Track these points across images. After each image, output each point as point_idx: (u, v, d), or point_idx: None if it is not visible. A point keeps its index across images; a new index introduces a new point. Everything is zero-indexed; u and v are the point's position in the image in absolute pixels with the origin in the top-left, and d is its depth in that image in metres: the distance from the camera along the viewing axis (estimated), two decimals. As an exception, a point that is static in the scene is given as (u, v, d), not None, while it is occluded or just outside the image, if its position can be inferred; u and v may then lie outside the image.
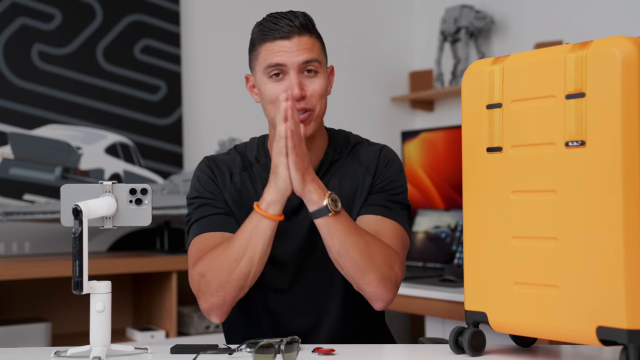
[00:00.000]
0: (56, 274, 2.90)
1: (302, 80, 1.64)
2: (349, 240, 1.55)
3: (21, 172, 3.22)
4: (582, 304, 1.27)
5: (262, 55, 1.65)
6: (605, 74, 1.24)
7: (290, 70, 1.63)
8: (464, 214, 1.46)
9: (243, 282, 1.58)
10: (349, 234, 1.55)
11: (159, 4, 3.54)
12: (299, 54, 1.63)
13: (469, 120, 1.45)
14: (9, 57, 3.23)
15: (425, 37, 4.16)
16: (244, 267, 1.57)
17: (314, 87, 1.65)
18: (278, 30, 1.63)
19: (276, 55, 1.63)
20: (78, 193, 1.45)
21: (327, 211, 1.53)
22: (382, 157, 1.75)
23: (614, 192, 1.23)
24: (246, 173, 1.74)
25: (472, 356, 1.42)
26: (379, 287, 1.58)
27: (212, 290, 1.59)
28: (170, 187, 3.33)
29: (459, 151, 1.50)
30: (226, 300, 1.60)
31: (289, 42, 1.63)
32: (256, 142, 1.79)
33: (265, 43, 1.64)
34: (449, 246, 3.44)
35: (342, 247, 1.55)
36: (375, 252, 1.58)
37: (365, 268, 1.56)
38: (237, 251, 1.57)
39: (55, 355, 1.45)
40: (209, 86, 3.69)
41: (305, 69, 1.64)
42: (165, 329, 3.14)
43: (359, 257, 1.56)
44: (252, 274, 1.58)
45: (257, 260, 1.57)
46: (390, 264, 1.60)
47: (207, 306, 1.62)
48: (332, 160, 1.75)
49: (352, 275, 1.58)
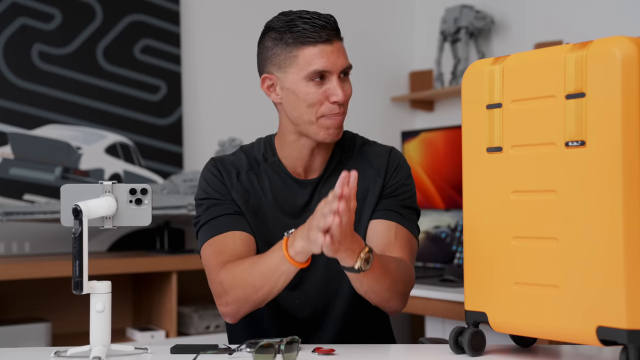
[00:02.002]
0: (56, 274, 2.90)
1: (342, 85, 1.65)
2: (377, 285, 1.56)
3: (21, 172, 3.22)
4: (582, 304, 1.27)
5: (304, 59, 1.63)
6: (605, 74, 1.24)
7: (333, 76, 1.64)
8: (464, 214, 1.46)
9: (259, 304, 1.61)
10: (380, 277, 1.55)
11: (159, 4, 3.54)
12: (341, 59, 1.64)
13: (469, 120, 1.45)
14: (9, 57, 3.23)
15: (425, 37, 4.16)
16: (261, 295, 1.58)
17: (348, 90, 1.67)
18: (320, 34, 1.62)
19: (320, 60, 1.62)
20: (78, 193, 1.45)
21: (358, 271, 1.50)
22: (391, 160, 1.75)
23: (614, 192, 1.22)
24: (253, 172, 1.74)
25: (472, 356, 1.42)
26: (399, 303, 1.63)
27: (228, 301, 1.61)
28: (170, 187, 3.33)
29: (459, 151, 1.50)
30: (241, 312, 1.63)
31: (332, 46, 1.63)
32: (263, 141, 1.79)
33: (305, 46, 1.62)
34: (449, 246, 3.44)
35: (370, 289, 1.57)
36: (399, 282, 1.61)
37: (389, 298, 1.60)
38: (258, 281, 1.56)
39: (55, 355, 1.45)
40: (209, 86, 3.69)
41: (344, 72, 1.66)
42: (165, 329, 3.14)
43: (386, 293, 1.59)
44: (268, 300, 1.60)
45: (276, 292, 1.58)
46: (410, 284, 1.65)
47: (222, 311, 1.65)
48: (340, 159, 1.75)
49: (377, 302, 1.62)
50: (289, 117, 1.69)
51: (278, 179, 1.73)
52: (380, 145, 1.80)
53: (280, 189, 1.73)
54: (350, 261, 1.46)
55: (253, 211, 1.69)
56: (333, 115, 1.65)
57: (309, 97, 1.64)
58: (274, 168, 1.73)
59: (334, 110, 1.65)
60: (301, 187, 1.73)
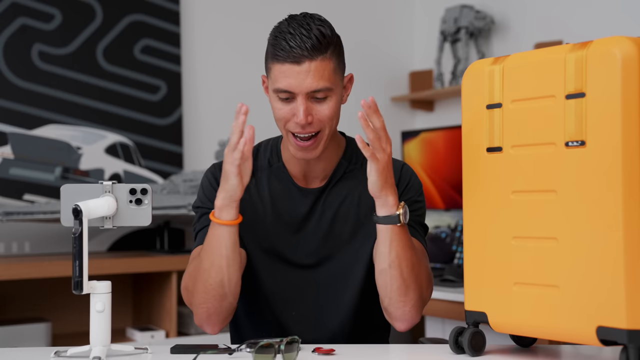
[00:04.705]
0: (56, 274, 2.90)
1: (310, 105, 1.58)
2: (405, 253, 1.55)
3: (21, 172, 3.22)
4: (582, 304, 1.27)
5: (273, 75, 1.60)
6: (605, 74, 1.24)
7: (298, 96, 1.58)
8: (464, 214, 1.46)
9: (220, 290, 1.57)
10: (407, 247, 1.55)
11: (159, 4, 3.54)
12: (308, 81, 1.56)
13: (469, 120, 1.45)
14: (9, 57, 3.23)
15: (425, 37, 4.16)
16: (215, 276, 1.55)
17: (323, 112, 1.60)
18: (289, 53, 1.56)
19: (285, 79, 1.57)
20: (78, 193, 1.45)
21: (397, 221, 1.52)
22: (403, 177, 1.72)
23: (614, 192, 1.23)
24: (254, 179, 1.71)
25: (472, 356, 1.42)
26: (414, 308, 1.59)
27: (196, 303, 1.60)
28: (170, 187, 3.33)
29: (459, 151, 1.50)
30: (211, 312, 1.59)
31: (299, 67, 1.56)
32: (270, 144, 1.76)
33: (276, 63, 1.58)
34: (449, 246, 3.44)
35: (397, 258, 1.55)
36: (422, 271, 1.60)
37: (409, 285, 1.57)
38: (206, 262, 1.56)
39: (55, 355, 1.45)
40: (209, 86, 3.69)
41: (313, 96, 1.58)
42: (165, 329, 3.14)
43: (408, 272, 1.56)
44: (227, 281, 1.56)
45: (226, 266, 1.55)
46: (430, 286, 1.64)
47: (197, 320, 1.63)
48: (346, 170, 1.72)
49: (396, 289, 1.57)
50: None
51: (280, 187, 1.71)
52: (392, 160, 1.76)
53: (281, 197, 1.70)
54: (394, 205, 1.52)
55: (249, 223, 1.67)
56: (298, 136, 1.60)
57: (276, 111, 1.62)
58: (277, 174, 1.71)
59: (297, 129, 1.59)
60: (303, 196, 1.70)
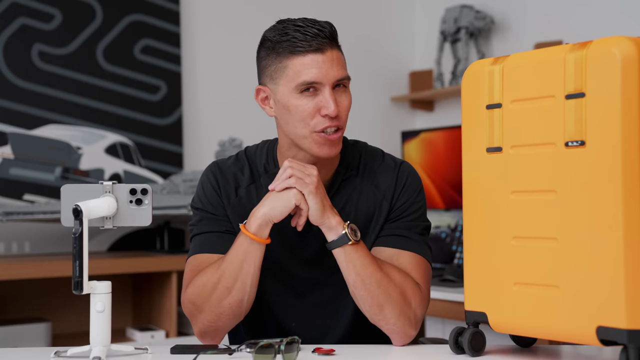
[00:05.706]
0: (56, 274, 2.90)
1: (336, 97, 1.54)
2: (366, 270, 1.50)
3: (21, 172, 3.22)
4: (582, 304, 1.27)
5: (292, 71, 1.53)
6: (605, 74, 1.24)
7: (325, 87, 1.53)
8: (464, 214, 1.46)
9: (237, 310, 1.54)
10: (367, 264, 1.50)
11: (159, 4, 3.54)
12: (334, 70, 1.53)
13: (469, 120, 1.45)
14: (9, 57, 3.23)
15: (425, 37, 4.16)
16: (235, 294, 1.52)
17: (345, 103, 1.57)
18: (310, 42, 1.51)
19: (310, 71, 1.51)
20: (78, 193, 1.45)
21: (347, 240, 1.49)
22: (399, 180, 1.66)
23: (614, 192, 1.22)
24: (254, 186, 1.66)
25: (472, 356, 1.42)
26: (397, 323, 1.53)
27: (204, 320, 1.55)
28: (170, 187, 3.33)
29: (459, 151, 1.50)
30: (219, 330, 1.57)
31: (323, 55, 1.52)
32: (266, 149, 1.69)
33: (295, 56, 1.52)
34: (449, 246, 3.44)
35: (359, 278, 1.51)
36: (393, 285, 1.52)
37: (382, 302, 1.51)
38: (229, 279, 1.51)
39: (55, 355, 1.45)
40: (209, 86, 3.69)
41: (339, 84, 1.56)
42: (165, 329, 3.14)
43: (376, 290, 1.51)
44: (247, 301, 1.54)
45: (250, 285, 1.52)
46: (409, 299, 1.54)
47: (199, 332, 1.58)
48: (344, 178, 1.66)
49: (368, 309, 1.53)
50: (284, 131, 1.60)
51: None
52: (390, 159, 1.70)
53: None
54: (337, 226, 1.50)
55: None
56: (327, 131, 1.54)
57: (299, 110, 1.54)
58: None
59: (326, 123, 1.54)
60: None
